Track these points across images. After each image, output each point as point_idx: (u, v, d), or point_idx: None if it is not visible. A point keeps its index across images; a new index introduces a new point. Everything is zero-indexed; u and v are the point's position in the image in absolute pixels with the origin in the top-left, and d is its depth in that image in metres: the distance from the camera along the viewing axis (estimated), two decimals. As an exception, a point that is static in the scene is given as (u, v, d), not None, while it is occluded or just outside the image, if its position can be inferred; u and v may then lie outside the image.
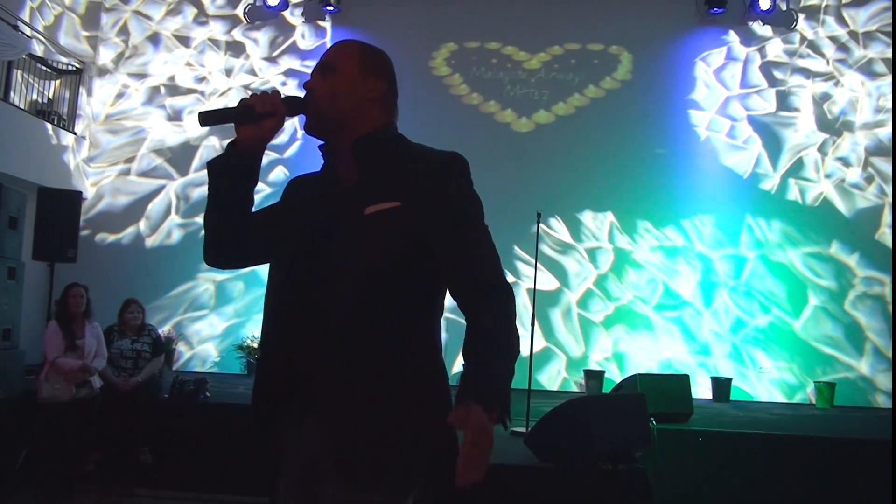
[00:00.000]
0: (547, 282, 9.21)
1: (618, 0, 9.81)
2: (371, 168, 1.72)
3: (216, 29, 10.20)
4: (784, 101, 9.50)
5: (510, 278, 9.13)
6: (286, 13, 10.09)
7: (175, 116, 9.99)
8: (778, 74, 9.54)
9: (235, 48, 10.14)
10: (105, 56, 10.16)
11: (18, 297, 6.45)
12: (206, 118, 1.71)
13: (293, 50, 10.07)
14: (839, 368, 8.86)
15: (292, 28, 10.14)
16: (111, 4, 10.27)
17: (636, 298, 9.28)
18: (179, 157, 9.92)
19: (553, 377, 9.17)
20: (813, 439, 6.04)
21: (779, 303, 9.12)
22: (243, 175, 1.76)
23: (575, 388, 9.05)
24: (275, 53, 10.06)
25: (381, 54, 1.84)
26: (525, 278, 8.98)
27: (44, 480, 5.52)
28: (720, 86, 9.66)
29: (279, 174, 9.62)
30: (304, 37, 10.12)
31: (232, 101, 9.75)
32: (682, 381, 6.65)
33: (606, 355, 9.17)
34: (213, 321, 9.56)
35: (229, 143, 1.75)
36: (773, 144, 9.43)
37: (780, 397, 8.92)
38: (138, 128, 9.99)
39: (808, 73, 9.50)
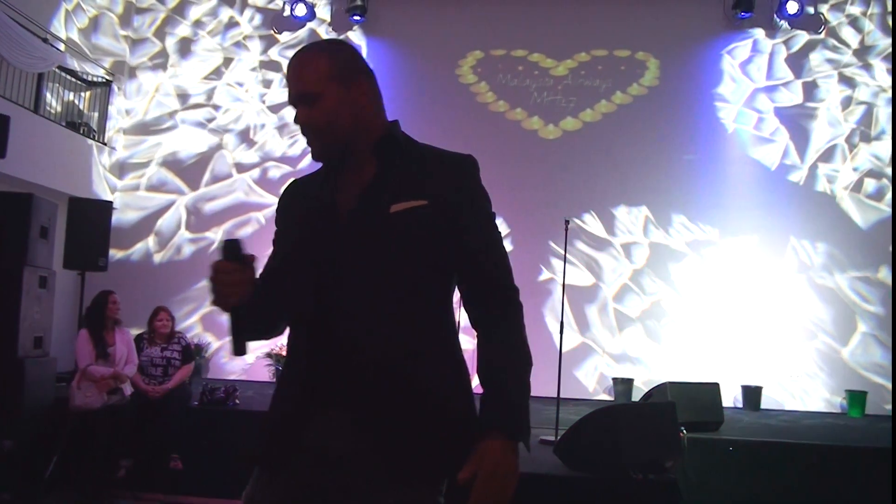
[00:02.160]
0: (583, 278, 9.21)
1: (644, 6, 9.76)
2: (390, 166, 1.71)
3: (253, 47, 10.27)
4: (810, 93, 9.41)
5: (546, 275, 9.13)
6: (320, 30, 10.15)
7: (203, 129, 10.07)
8: (807, 70, 9.46)
9: (271, 66, 10.19)
10: (135, 62, 10.26)
11: (50, 306, 6.51)
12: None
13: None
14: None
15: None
16: (148, 4, 10.36)
17: (671, 295, 9.21)
18: (193, 170, 9.98)
19: (590, 373, 9.14)
20: (845, 448, 5.95)
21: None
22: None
23: (606, 395, 9.00)
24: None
25: (347, 51, 1.76)
26: (560, 274, 8.92)
27: (75, 487, 5.57)
28: (746, 78, 9.59)
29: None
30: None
31: (259, 117, 9.82)
32: (713, 390, 6.59)
33: (641, 352, 9.11)
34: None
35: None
36: (800, 136, 9.33)
37: (811, 406, 8.77)
38: (165, 140, 10.09)
39: (835, 64, 9.42)
